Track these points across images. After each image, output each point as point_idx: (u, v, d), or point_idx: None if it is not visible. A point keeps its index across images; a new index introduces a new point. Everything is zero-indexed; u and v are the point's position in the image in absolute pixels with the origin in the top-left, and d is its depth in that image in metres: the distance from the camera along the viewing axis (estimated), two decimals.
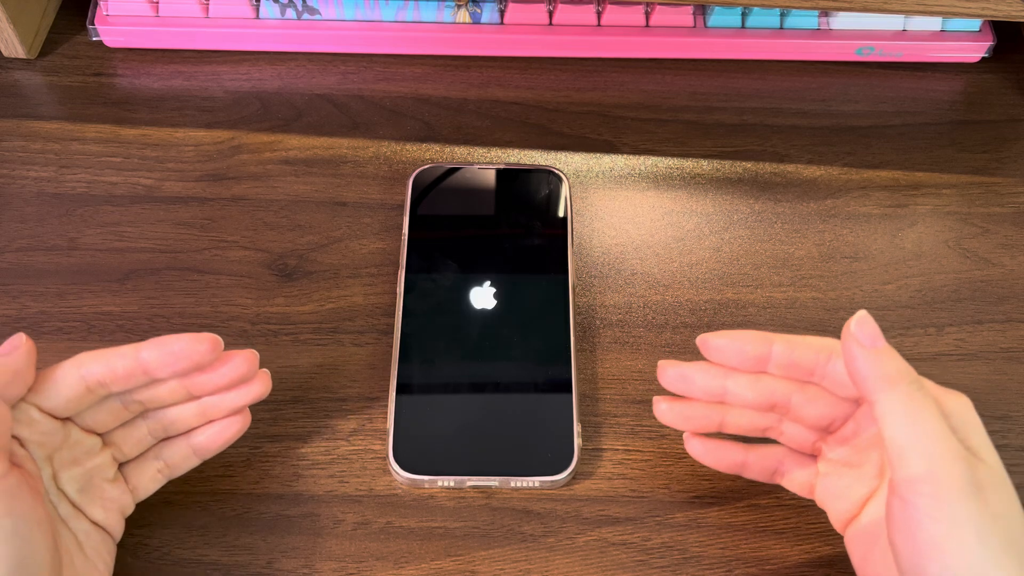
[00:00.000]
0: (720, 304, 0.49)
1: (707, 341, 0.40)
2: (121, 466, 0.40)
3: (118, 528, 0.40)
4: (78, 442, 0.39)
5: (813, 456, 0.41)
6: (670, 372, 0.41)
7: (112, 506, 0.39)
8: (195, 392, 0.39)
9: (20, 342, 0.37)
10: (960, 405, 0.36)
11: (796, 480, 0.41)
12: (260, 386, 0.40)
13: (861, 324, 0.35)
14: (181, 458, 0.41)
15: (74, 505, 0.38)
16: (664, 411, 0.41)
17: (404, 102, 0.57)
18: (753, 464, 0.41)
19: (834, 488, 0.39)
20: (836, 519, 0.39)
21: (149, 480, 0.41)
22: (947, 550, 0.32)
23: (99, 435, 0.40)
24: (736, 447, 0.42)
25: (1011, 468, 0.45)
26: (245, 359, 0.39)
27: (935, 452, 0.33)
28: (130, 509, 0.40)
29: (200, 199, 0.52)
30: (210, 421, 0.41)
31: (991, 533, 0.32)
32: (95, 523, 0.39)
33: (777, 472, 0.41)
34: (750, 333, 0.40)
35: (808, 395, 0.39)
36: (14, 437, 0.37)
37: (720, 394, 0.40)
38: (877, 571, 0.36)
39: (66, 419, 0.38)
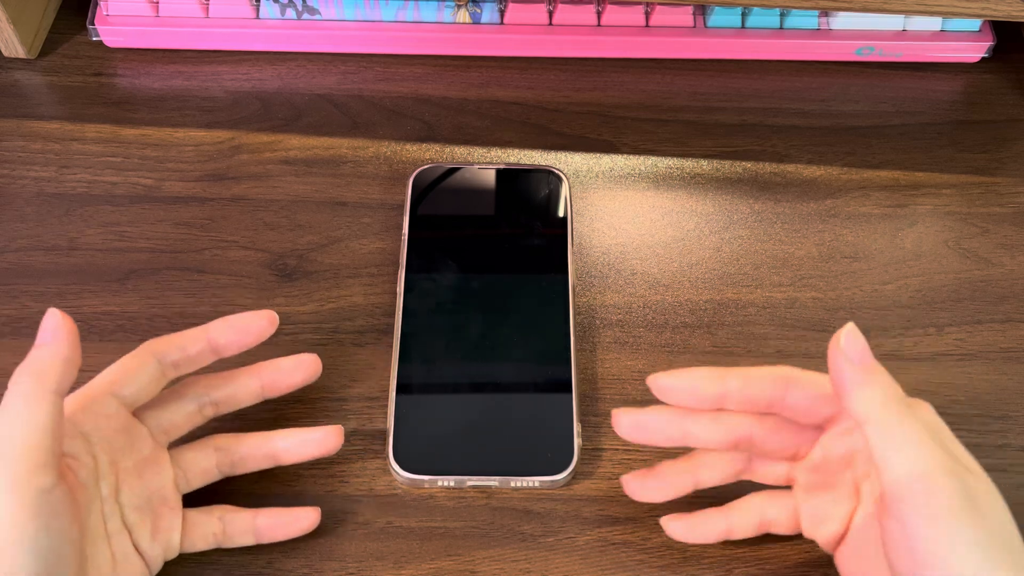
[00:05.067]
0: (720, 304, 0.49)
1: (657, 382, 0.39)
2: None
3: (157, 563, 0.39)
4: (141, 450, 0.39)
5: (787, 487, 0.41)
6: (625, 421, 0.40)
7: (160, 537, 0.39)
8: (269, 391, 0.42)
9: (58, 323, 0.35)
10: (927, 414, 0.36)
11: (782, 522, 0.40)
12: (334, 442, 0.42)
13: (850, 339, 0.35)
14: (239, 532, 0.40)
15: (124, 523, 0.38)
16: (635, 489, 0.41)
17: (404, 102, 0.57)
18: (737, 525, 0.40)
19: (816, 514, 0.39)
20: (825, 543, 0.39)
21: (200, 538, 0.40)
22: (949, 567, 0.31)
23: (169, 452, 0.40)
24: (717, 516, 0.41)
25: (1011, 468, 0.45)
26: (313, 360, 0.43)
27: (928, 470, 0.33)
28: (174, 553, 0.39)
29: (200, 199, 0.52)
30: (277, 518, 0.41)
31: (990, 546, 0.32)
32: (137, 549, 0.38)
33: (762, 522, 0.40)
34: (702, 370, 0.38)
35: (768, 426, 0.39)
36: (83, 436, 0.37)
37: (681, 439, 0.39)
38: None
39: (137, 421, 0.39)
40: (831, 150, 0.55)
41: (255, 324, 0.41)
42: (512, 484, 0.43)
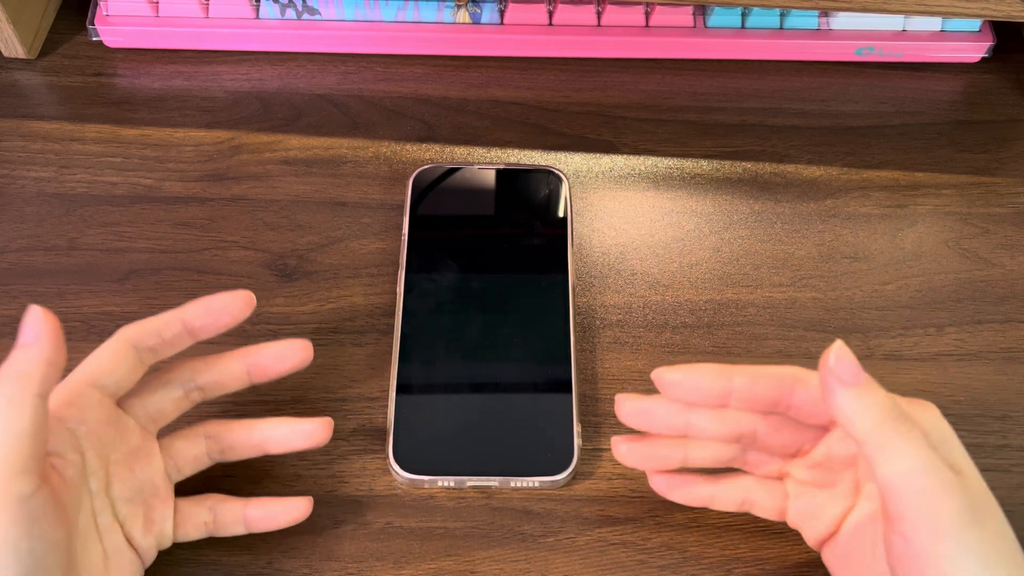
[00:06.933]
0: (720, 304, 0.49)
1: (661, 376, 0.38)
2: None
3: (150, 554, 0.39)
4: (130, 441, 0.38)
5: (780, 478, 0.40)
6: (628, 407, 0.39)
7: (153, 529, 0.39)
8: (255, 377, 0.41)
9: (40, 321, 0.34)
10: (932, 418, 0.36)
11: (766, 507, 0.40)
12: (323, 434, 0.41)
13: (840, 359, 0.34)
14: (231, 521, 0.40)
15: (116, 517, 0.37)
16: (624, 453, 0.40)
17: (404, 102, 0.57)
18: (720, 496, 0.40)
19: (808, 508, 0.39)
20: (812, 538, 0.39)
21: (193, 528, 0.40)
22: None
23: (159, 440, 0.40)
24: (703, 481, 0.41)
25: (1011, 468, 0.45)
26: (302, 345, 0.41)
27: (931, 487, 0.32)
28: (167, 543, 0.39)
29: (200, 199, 0.52)
30: (268, 498, 0.41)
31: (992, 556, 0.32)
32: (130, 541, 0.38)
33: (746, 501, 0.40)
34: (708, 367, 0.38)
35: (773, 424, 0.38)
36: (69, 432, 0.36)
37: (683, 429, 0.39)
38: None
39: (123, 411, 0.39)
40: (831, 150, 0.55)
41: (230, 305, 0.40)
42: (512, 484, 0.43)
